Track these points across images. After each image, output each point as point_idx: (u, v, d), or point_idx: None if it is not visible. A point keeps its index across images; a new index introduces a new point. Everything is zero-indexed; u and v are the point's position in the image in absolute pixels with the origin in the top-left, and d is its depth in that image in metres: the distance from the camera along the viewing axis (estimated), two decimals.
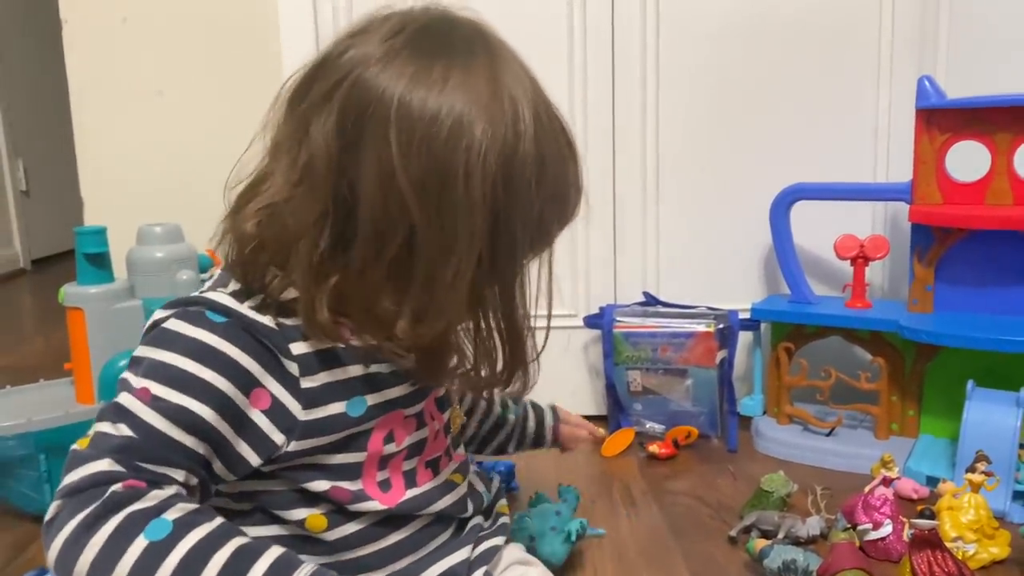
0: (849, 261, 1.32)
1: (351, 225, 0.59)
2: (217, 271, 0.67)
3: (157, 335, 0.60)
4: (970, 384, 1.13)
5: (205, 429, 0.58)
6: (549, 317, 0.67)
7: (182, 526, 0.53)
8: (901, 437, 1.28)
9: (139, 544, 0.52)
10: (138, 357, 0.60)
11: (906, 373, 1.27)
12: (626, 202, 1.44)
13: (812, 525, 1.00)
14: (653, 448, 1.30)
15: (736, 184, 1.43)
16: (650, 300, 1.42)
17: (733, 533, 1.01)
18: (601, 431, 1.12)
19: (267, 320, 0.61)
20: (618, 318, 1.36)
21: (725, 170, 1.43)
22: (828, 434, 1.29)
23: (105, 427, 0.57)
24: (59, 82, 1.44)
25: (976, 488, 0.98)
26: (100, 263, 1.16)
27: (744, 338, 1.39)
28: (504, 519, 0.80)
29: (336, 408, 0.63)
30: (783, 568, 0.88)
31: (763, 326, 1.38)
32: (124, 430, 0.56)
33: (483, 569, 0.71)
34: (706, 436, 1.36)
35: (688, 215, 1.44)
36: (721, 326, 1.32)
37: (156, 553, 0.52)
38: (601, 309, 1.39)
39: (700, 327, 1.32)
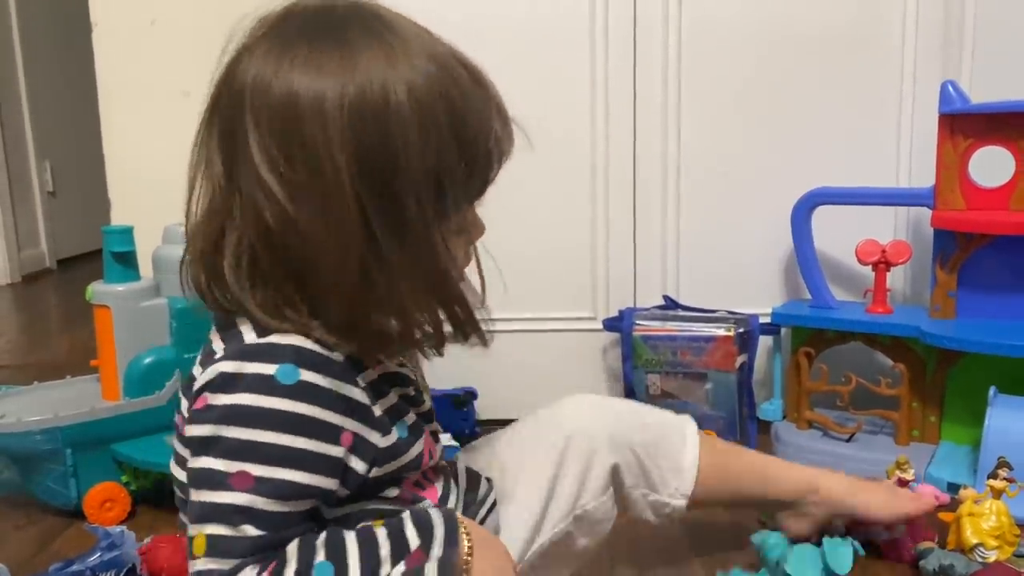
0: (871, 266, 1.31)
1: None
2: None
3: (231, 413, 0.57)
4: (992, 390, 1.12)
5: (313, 491, 0.58)
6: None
7: (336, 557, 0.56)
8: (922, 443, 1.27)
9: None
10: (213, 437, 0.57)
11: (927, 379, 1.26)
12: (647, 205, 1.44)
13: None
14: None
15: (757, 188, 1.43)
16: (670, 304, 1.42)
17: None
18: None
19: (337, 355, 0.59)
20: (638, 321, 1.36)
21: (746, 174, 1.43)
22: (848, 440, 1.28)
23: (222, 530, 0.55)
24: (85, 84, 1.46)
25: (998, 494, 0.97)
26: (127, 262, 1.18)
27: (764, 343, 1.39)
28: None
29: (397, 433, 0.64)
30: (938, 571, 0.89)
31: (783, 331, 1.38)
32: (250, 530, 0.55)
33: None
34: (725, 440, 1.36)
35: (709, 219, 1.44)
36: (741, 330, 1.32)
37: None
38: (621, 312, 1.40)
39: (720, 331, 1.32)
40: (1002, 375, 1.17)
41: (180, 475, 0.64)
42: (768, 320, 1.35)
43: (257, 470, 0.55)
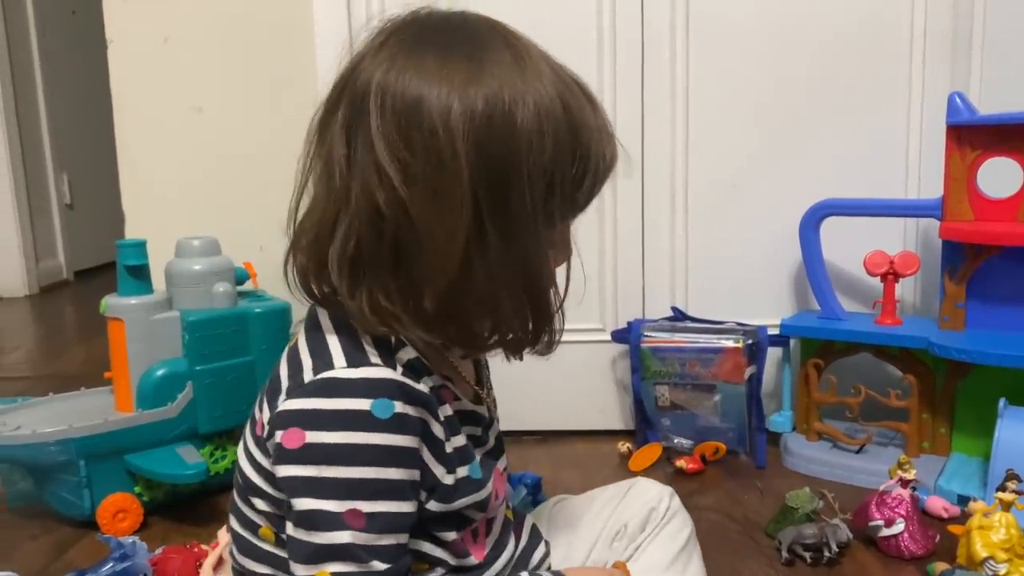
0: (879, 277, 1.31)
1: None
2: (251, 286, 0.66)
3: (333, 453, 0.57)
4: (1002, 402, 1.12)
5: (414, 517, 0.61)
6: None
7: None
8: (932, 455, 1.26)
9: None
10: (317, 479, 0.57)
11: (937, 391, 1.26)
12: (655, 217, 1.45)
13: (843, 530, 1.01)
14: (681, 463, 1.30)
15: (766, 199, 1.43)
16: (678, 315, 1.42)
17: (787, 555, 1.01)
18: None
19: (422, 387, 0.61)
20: (646, 333, 1.36)
21: (755, 185, 1.43)
22: (858, 451, 1.28)
23: (350, 568, 0.57)
24: (103, 99, 1.48)
25: (1007, 507, 0.97)
26: (140, 275, 1.19)
27: (773, 354, 1.39)
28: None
29: (464, 471, 0.64)
30: None
31: (792, 342, 1.38)
32: (377, 565, 0.57)
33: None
34: (734, 452, 1.36)
35: (717, 230, 1.45)
36: (750, 342, 1.32)
37: None
38: (629, 324, 1.40)
39: (728, 343, 1.32)
40: (1012, 386, 1.16)
41: (247, 469, 0.64)
42: (777, 331, 1.35)
43: (366, 506, 0.57)
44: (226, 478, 1.16)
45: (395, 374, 0.59)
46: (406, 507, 0.59)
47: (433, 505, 0.62)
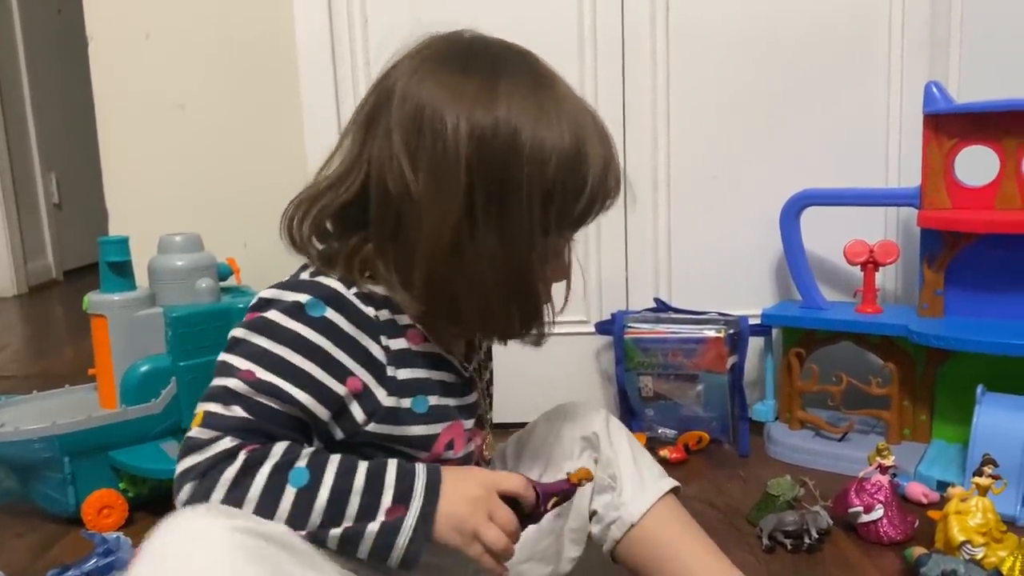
0: (860, 266, 1.32)
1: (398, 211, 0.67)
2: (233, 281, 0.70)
3: (260, 324, 0.65)
4: (980, 388, 1.13)
5: (305, 409, 0.64)
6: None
7: (316, 468, 0.61)
8: (913, 442, 1.28)
9: (290, 493, 0.60)
10: (239, 338, 0.65)
11: (917, 378, 1.27)
12: (638, 209, 1.45)
13: (824, 517, 1.02)
14: (665, 453, 1.31)
15: (747, 190, 1.44)
16: (661, 306, 1.43)
17: (767, 542, 1.02)
18: None
19: (370, 311, 0.67)
20: (629, 324, 1.37)
21: (735, 177, 1.44)
22: (840, 439, 1.29)
23: (216, 408, 0.63)
24: (91, 98, 1.48)
25: (984, 491, 0.98)
26: (123, 272, 1.19)
27: (755, 344, 1.40)
28: None
29: (407, 403, 0.69)
30: None
31: (774, 332, 1.39)
32: (238, 411, 0.62)
33: None
34: (718, 441, 1.37)
35: (699, 221, 1.46)
36: (731, 332, 1.33)
37: (307, 497, 0.60)
38: (613, 315, 1.41)
39: (710, 333, 1.33)
40: (990, 373, 1.17)
41: None
42: (759, 321, 1.36)
43: (261, 373, 0.63)
44: None
45: (341, 288, 0.66)
46: (298, 394, 0.63)
47: (373, 427, 0.67)
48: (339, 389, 0.65)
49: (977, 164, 1.22)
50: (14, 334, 2.57)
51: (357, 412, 0.66)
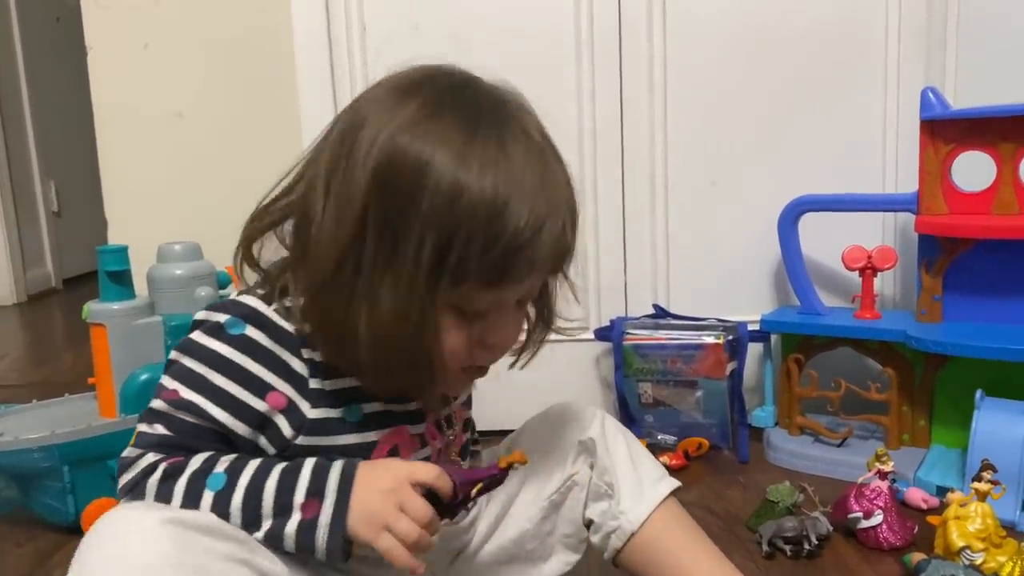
0: (858, 272, 1.32)
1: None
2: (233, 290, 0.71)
3: (186, 345, 0.67)
4: (979, 394, 1.13)
5: (219, 424, 0.66)
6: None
7: (233, 471, 0.63)
8: (912, 447, 1.28)
9: (207, 497, 0.62)
10: (171, 359, 0.68)
11: (916, 383, 1.27)
12: (636, 215, 1.46)
13: (823, 523, 1.02)
14: (664, 459, 1.30)
15: (745, 196, 1.44)
16: (660, 312, 1.43)
17: (767, 548, 1.02)
18: None
19: (288, 326, 0.67)
20: (628, 330, 1.37)
21: (734, 182, 1.44)
22: (839, 445, 1.29)
23: (143, 427, 0.66)
24: (88, 107, 1.49)
25: (983, 497, 0.98)
26: (122, 281, 1.19)
27: (755, 350, 1.40)
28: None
29: (336, 413, 0.68)
30: None
31: (773, 338, 1.39)
32: (160, 428, 0.66)
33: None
34: (717, 447, 1.37)
35: (697, 227, 1.46)
36: (730, 338, 1.33)
37: (224, 499, 0.62)
38: (611, 322, 1.41)
39: (709, 339, 1.33)
40: (989, 378, 1.17)
41: None
42: (758, 327, 1.36)
43: (184, 392, 0.66)
44: None
45: (260, 305, 0.67)
46: (216, 412, 0.65)
47: (303, 440, 0.67)
48: (259, 405, 0.66)
49: (974, 170, 1.22)
50: (14, 343, 2.57)
51: (284, 427, 0.67)
